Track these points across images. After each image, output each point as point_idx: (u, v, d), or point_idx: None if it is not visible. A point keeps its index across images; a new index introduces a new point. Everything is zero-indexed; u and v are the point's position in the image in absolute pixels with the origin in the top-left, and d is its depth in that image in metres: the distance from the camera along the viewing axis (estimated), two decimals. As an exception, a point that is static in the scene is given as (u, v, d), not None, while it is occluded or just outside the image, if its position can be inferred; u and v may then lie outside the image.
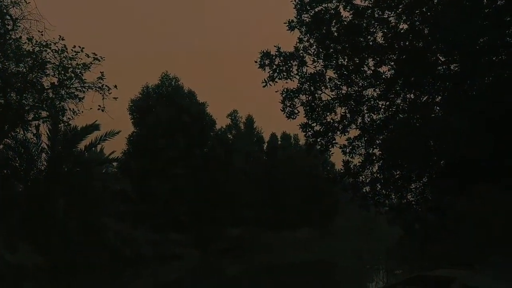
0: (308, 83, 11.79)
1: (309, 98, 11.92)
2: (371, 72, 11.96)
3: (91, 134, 25.84)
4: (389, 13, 11.84)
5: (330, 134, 12.03)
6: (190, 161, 35.04)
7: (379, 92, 12.08)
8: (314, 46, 11.93)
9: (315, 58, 11.77)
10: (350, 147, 12.29)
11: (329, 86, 11.93)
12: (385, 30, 11.99)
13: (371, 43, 12.05)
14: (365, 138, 12.19)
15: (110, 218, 25.84)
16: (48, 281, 20.09)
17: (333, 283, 22.57)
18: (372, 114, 12.15)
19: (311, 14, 11.76)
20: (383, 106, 12.14)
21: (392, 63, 12.06)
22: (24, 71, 19.82)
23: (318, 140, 12.13)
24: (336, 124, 12.04)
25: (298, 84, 11.87)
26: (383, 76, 11.91)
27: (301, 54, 11.75)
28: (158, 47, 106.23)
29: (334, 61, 11.78)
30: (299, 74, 11.78)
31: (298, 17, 11.62)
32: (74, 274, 20.75)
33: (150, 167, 33.18)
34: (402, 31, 11.89)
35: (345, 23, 11.87)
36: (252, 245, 35.92)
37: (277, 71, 11.56)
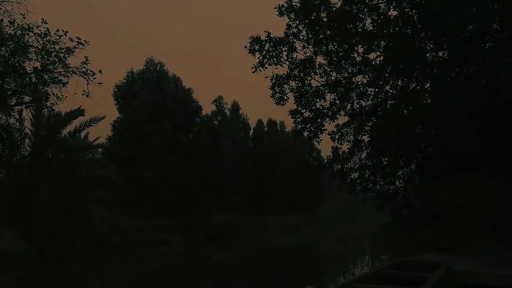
0: (297, 69, 11.73)
1: (299, 84, 11.87)
2: (361, 58, 11.94)
3: (76, 120, 25.51)
4: (379, -1, 11.80)
5: (319, 120, 12.04)
6: (176, 147, 34.87)
7: (368, 79, 12.09)
8: (304, 32, 11.85)
9: (305, 44, 11.70)
10: (339, 133, 12.33)
11: (318, 73, 11.90)
12: (375, 17, 11.96)
13: (360, 29, 12.01)
14: (354, 125, 12.23)
15: (96, 205, 25.68)
16: (33, 268, 19.94)
17: (318, 268, 22.85)
18: (361, 101, 12.19)
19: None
20: (372, 93, 12.17)
21: (381, 50, 12.07)
22: (6, 55, 19.32)
23: (307, 126, 12.13)
24: (325, 111, 12.04)
25: (288, 70, 11.81)
26: (372, 63, 11.90)
27: (291, 40, 11.66)
28: (142, 33, 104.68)
29: (324, 47, 11.72)
30: (289, 60, 11.71)
31: (289, 2, 11.50)
32: (60, 261, 20.61)
33: (135, 153, 32.94)
34: (391, 18, 11.88)
35: (334, 9, 11.79)
36: (239, 231, 36.10)
37: (267, 56, 11.47)
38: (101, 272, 21.13)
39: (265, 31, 11.58)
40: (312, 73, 11.91)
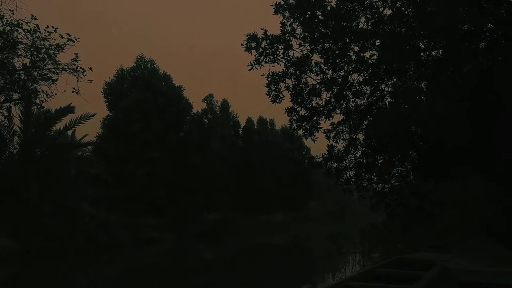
0: (293, 67, 11.72)
1: (295, 82, 11.86)
2: (356, 57, 11.96)
3: (66, 117, 25.25)
4: (375, -3, 11.81)
5: (315, 118, 12.04)
6: (166, 145, 34.69)
7: (363, 77, 12.12)
8: (300, 30, 11.83)
9: (301, 42, 11.68)
10: (334, 132, 12.35)
11: (314, 71, 11.90)
12: (369, 16, 11.98)
13: (354, 28, 12.02)
14: (349, 123, 12.25)
15: (85, 203, 25.45)
16: (20, 266, 19.68)
17: (308, 267, 22.87)
18: (357, 99, 12.21)
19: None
20: (367, 91, 12.20)
21: (376, 49, 12.09)
22: (-5, 52, 19.04)
23: (303, 124, 12.12)
24: (321, 109, 12.04)
25: (284, 68, 11.79)
26: (368, 61, 11.93)
27: (287, 38, 11.63)
28: (133, 30, 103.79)
29: (320, 46, 11.71)
30: (285, 58, 11.69)
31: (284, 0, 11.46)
32: (48, 259, 20.35)
33: (125, 151, 32.69)
34: (386, 16, 11.91)
35: (329, 7, 11.78)
36: (229, 229, 36.03)
37: (263, 54, 11.43)
38: (90, 270, 20.90)
39: (261, 29, 11.56)
40: (308, 71, 11.91)
